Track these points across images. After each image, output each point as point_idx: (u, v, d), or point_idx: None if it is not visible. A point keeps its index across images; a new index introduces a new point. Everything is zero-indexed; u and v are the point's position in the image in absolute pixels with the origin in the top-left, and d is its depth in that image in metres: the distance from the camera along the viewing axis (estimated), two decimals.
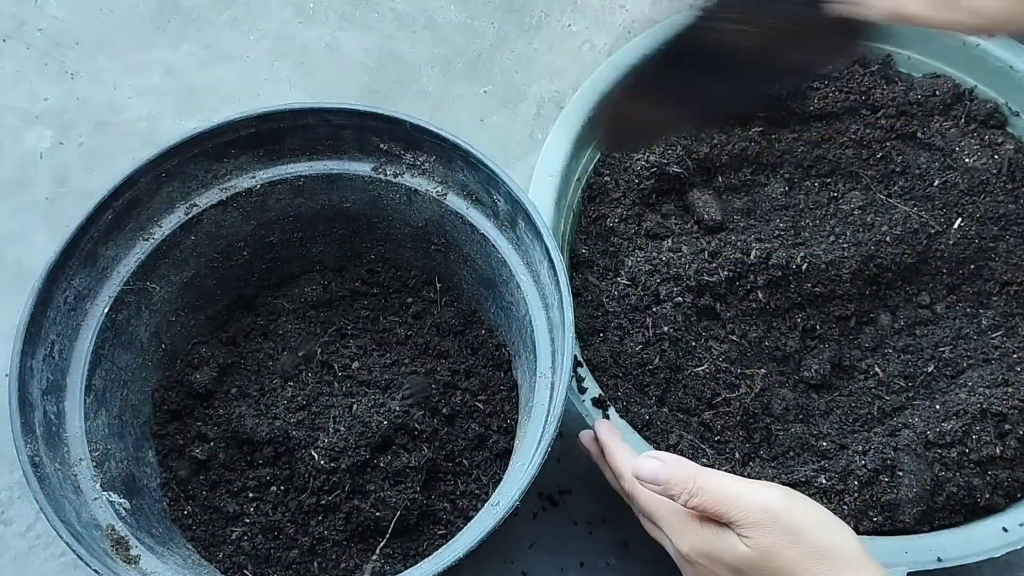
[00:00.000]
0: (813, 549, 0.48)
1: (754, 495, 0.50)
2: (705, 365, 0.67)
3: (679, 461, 0.52)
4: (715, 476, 0.51)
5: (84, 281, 0.62)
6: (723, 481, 0.51)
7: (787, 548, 0.49)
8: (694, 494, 0.51)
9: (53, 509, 0.52)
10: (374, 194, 0.69)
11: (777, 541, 0.49)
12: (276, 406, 0.66)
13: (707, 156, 0.76)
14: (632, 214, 0.73)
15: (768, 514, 0.49)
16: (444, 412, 0.66)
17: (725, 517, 0.50)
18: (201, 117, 0.91)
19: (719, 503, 0.50)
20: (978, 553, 0.59)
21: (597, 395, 0.63)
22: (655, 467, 0.52)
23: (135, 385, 0.65)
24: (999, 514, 0.61)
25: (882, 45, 0.77)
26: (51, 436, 0.57)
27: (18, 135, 0.89)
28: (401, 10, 0.97)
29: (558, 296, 0.59)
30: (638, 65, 0.68)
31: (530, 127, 0.91)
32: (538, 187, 0.69)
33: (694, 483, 0.51)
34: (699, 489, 0.51)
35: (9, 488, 0.74)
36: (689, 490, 0.51)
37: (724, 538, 0.51)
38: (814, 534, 0.49)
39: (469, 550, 0.51)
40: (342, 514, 0.62)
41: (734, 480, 0.51)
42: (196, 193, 0.66)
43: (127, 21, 0.96)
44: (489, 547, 0.53)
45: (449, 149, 0.65)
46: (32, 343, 0.57)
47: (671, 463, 0.52)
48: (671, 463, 0.52)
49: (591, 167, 0.75)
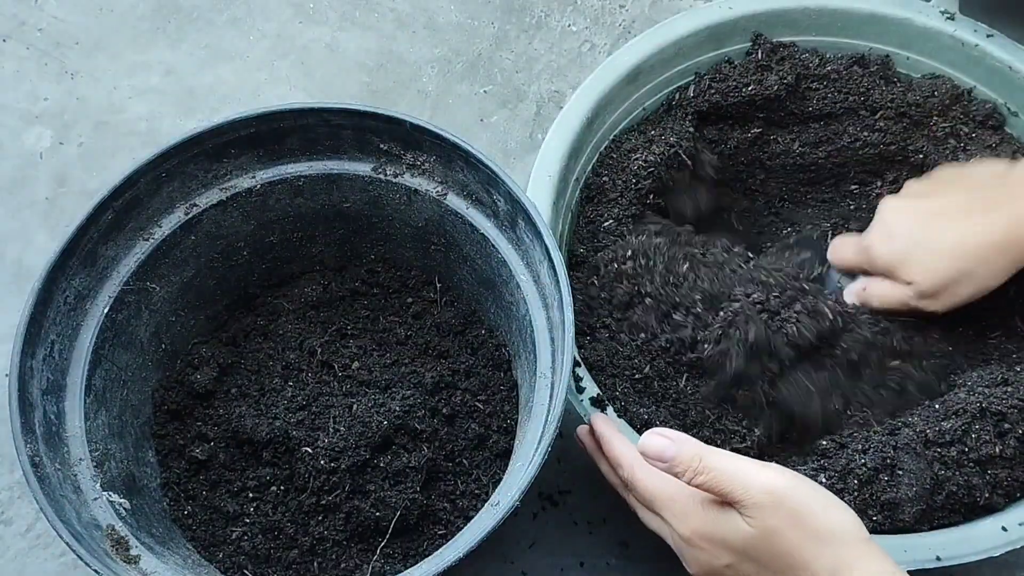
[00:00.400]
0: (816, 531, 0.48)
1: (759, 475, 0.50)
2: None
3: (686, 439, 0.52)
4: (721, 455, 0.51)
5: (84, 281, 0.62)
6: (729, 460, 0.51)
7: (790, 529, 0.49)
8: (699, 472, 0.50)
9: (53, 509, 0.52)
10: (374, 194, 0.69)
11: (780, 522, 0.49)
12: (276, 406, 0.66)
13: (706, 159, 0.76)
14: (628, 215, 0.73)
15: (773, 495, 0.49)
16: (444, 412, 0.66)
17: (730, 496, 0.50)
18: (201, 117, 0.91)
19: (724, 482, 0.50)
20: (977, 552, 0.59)
21: (595, 394, 0.63)
22: (662, 444, 0.52)
23: (135, 385, 0.65)
24: (998, 513, 0.61)
25: (881, 46, 0.77)
26: (51, 436, 0.57)
27: (18, 135, 0.89)
28: (401, 10, 0.97)
29: (558, 296, 0.59)
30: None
31: (530, 127, 0.91)
32: (536, 187, 0.69)
33: (700, 461, 0.50)
34: (705, 467, 0.50)
35: (9, 488, 0.74)
36: (695, 468, 0.50)
37: (727, 519, 0.50)
38: (818, 517, 0.49)
39: (469, 550, 0.51)
40: (342, 514, 0.62)
41: (740, 460, 0.51)
42: (196, 193, 0.66)
43: (127, 21, 0.96)
44: (489, 547, 0.54)
45: (449, 149, 0.65)
46: (32, 343, 0.57)
47: (678, 440, 0.52)
48: (678, 440, 0.52)
49: (589, 167, 0.75)
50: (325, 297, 0.73)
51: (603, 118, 0.74)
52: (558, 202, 0.70)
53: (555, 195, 0.69)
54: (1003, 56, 0.73)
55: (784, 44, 0.77)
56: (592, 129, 0.74)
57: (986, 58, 0.74)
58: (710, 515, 0.51)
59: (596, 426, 0.60)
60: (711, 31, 0.76)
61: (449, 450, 0.65)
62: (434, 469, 0.64)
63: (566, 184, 0.71)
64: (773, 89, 0.75)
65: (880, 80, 0.77)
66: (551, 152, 0.71)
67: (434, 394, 0.67)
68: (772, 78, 0.75)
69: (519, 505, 0.52)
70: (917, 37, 0.76)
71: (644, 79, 0.76)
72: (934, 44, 0.75)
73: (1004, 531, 0.59)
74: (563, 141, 0.71)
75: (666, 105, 0.78)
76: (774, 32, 0.77)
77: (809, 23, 0.77)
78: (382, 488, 0.62)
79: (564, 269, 0.59)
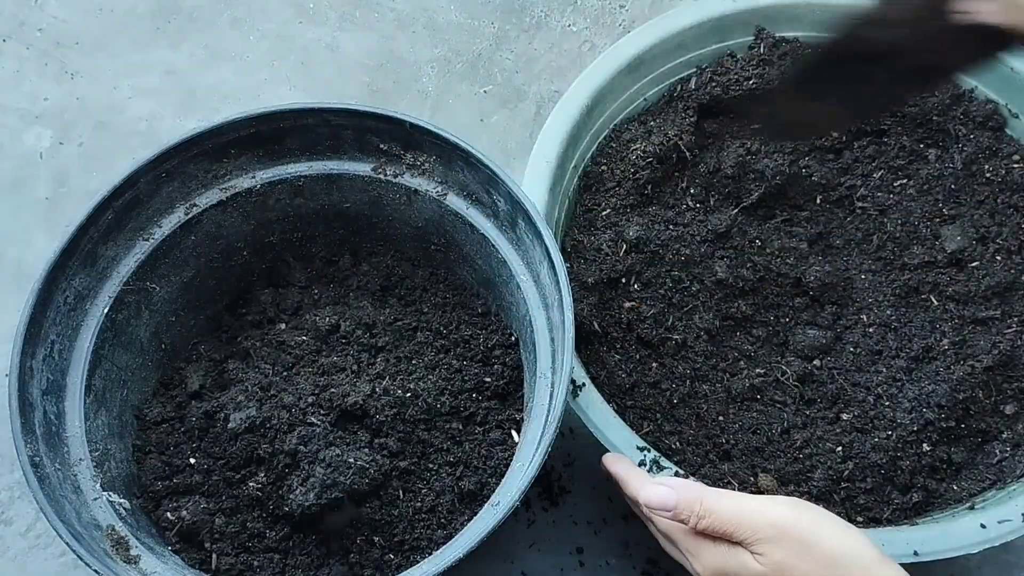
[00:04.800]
0: (826, 558, 0.48)
1: (761, 511, 0.50)
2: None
3: (685, 485, 0.52)
4: (720, 496, 0.51)
5: (84, 281, 0.62)
6: (729, 501, 0.51)
7: (800, 561, 0.48)
8: (702, 516, 0.51)
9: (53, 509, 0.52)
10: (374, 194, 0.69)
11: (789, 555, 0.49)
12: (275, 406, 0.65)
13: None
14: (625, 204, 0.73)
15: (777, 529, 0.49)
16: (445, 412, 0.66)
17: (735, 536, 0.50)
18: (201, 117, 0.91)
19: (727, 523, 0.50)
20: (955, 548, 0.59)
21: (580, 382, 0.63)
22: (663, 494, 0.52)
23: (135, 385, 0.65)
24: (977, 511, 0.61)
25: None
26: (51, 436, 0.57)
27: (18, 135, 0.89)
28: (401, 10, 0.97)
29: (558, 296, 0.59)
30: (805, 62, 0.71)
31: (530, 127, 0.91)
32: (533, 174, 0.69)
33: (700, 505, 0.51)
34: (706, 511, 0.51)
35: (9, 488, 0.74)
36: (696, 513, 0.51)
37: (737, 556, 0.50)
38: (825, 543, 0.49)
39: (469, 550, 0.51)
40: (317, 529, 0.61)
41: (740, 498, 0.51)
42: (196, 193, 0.66)
43: (127, 21, 0.96)
44: (489, 547, 0.53)
45: (449, 149, 0.65)
46: (32, 343, 0.57)
47: (677, 488, 0.52)
48: (677, 488, 0.52)
49: (588, 156, 0.75)
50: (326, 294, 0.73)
51: (603, 107, 0.74)
52: (555, 188, 0.69)
53: (552, 182, 0.69)
54: (1005, 57, 0.73)
55: (787, 40, 0.77)
56: (592, 117, 0.74)
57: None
58: (721, 552, 0.51)
59: (610, 467, 0.59)
60: (714, 23, 0.76)
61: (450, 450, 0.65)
62: (434, 469, 0.64)
63: (564, 171, 0.71)
64: (774, 85, 0.75)
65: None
66: (549, 139, 0.71)
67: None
68: (774, 73, 0.75)
69: (519, 505, 0.52)
70: None
71: (645, 69, 0.76)
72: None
73: (983, 528, 0.59)
74: (562, 128, 0.71)
75: (667, 96, 0.78)
76: (777, 27, 0.77)
77: (812, 18, 0.77)
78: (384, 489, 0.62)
79: (564, 269, 0.58)
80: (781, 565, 0.49)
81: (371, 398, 0.62)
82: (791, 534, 0.49)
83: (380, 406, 0.62)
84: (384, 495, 0.61)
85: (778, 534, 0.49)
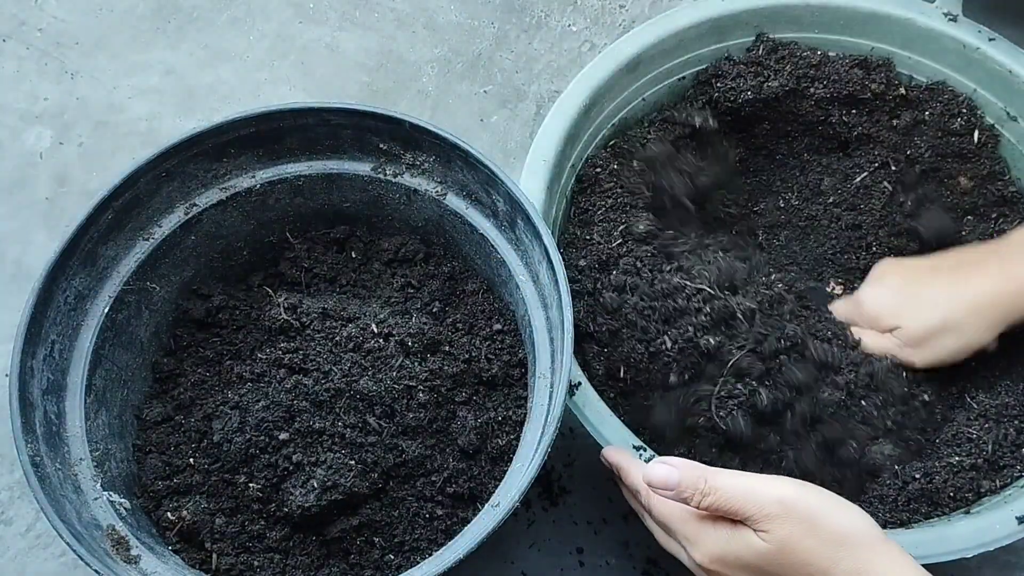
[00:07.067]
0: (831, 536, 0.48)
1: (767, 488, 0.50)
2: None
3: (688, 464, 0.52)
4: (726, 474, 0.51)
5: (84, 281, 0.62)
6: (735, 478, 0.51)
7: (804, 538, 0.48)
8: (706, 494, 0.50)
9: (53, 509, 0.52)
10: (374, 194, 0.69)
11: (794, 531, 0.48)
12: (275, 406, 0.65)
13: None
14: (619, 203, 0.72)
15: (782, 505, 0.49)
16: (445, 412, 0.66)
17: (740, 514, 0.50)
18: (201, 117, 0.91)
19: (732, 500, 0.50)
20: (951, 552, 0.58)
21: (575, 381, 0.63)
22: (665, 472, 0.52)
23: (135, 385, 0.65)
24: (975, 516, 0.61)
25: (883, 45, 0.77)
26: (51, 436, 0.57)
27: (18, 135, 0.89)
28: (401, 10, 0.97)
29: (557, 296, 0.59)
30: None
31: (530, 127, 0.91)
32: (531, 172, 0.68)
33: (705, 483, 0.50)
34: (711, 488, 0.50)
35: (9, 488, 0.74)
36: (701, 490, 0.50)
37: (740, 537, 0.50)
38: (830, 521, 0.49)
39: (469, 550, 0.51)
40: (318, 538, 0.61)
41: (746, 476, 0.51)
42: (196, 193, 0.66)
43: (127, 21, 0.96)
44: (489, 547, 0.53)
45: (448, 149, 0.65)
46: (32, 343, 0.57)
47: (681, 466, 0.52)
48: (681, 466, 0.52)
49: (586, 156, 0.74)
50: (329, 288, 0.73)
51: (602, 106, 0.74)
52: (552, 186, 0.69)
53: (550, 180, 0.69)
54: (1004, 60, 0.73)
55: (785, 42, 0.77)
56: (590, 116, 0.73)
57: (986, 62, 0.74)
58: (722, 535, 0.51)
59: (610, 457, 0.59)
60: (713, 24, 0.76)
61: (449, 449, 0.65)
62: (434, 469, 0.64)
63: (561, 170, 0.71)
64: (774, 88, 0.75)
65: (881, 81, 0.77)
66: (547, 137, 0.70)
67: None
68: (771, 76, 0.76)
69: (519, 505, 0.52)
70: (919, 38, 0.76)
71: (644, 69, 0.75)
72: (936, 46, 0.75)
73: (979, 533, 0.59)
74: (560, 127, 0.71)
75: (669, 95, 0.78)
76: (776, 28, 0.77)
77: (811, 20, 0.77)
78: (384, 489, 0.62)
79: (563, 269, 0.58)
80: (786, 541, 0.49)
81: (371, 398, 0.62)
82: (797, 510, 0.49)
83: (381, 406, 0.62)
84: (384, 496, 0.61)
85: (784, 510, 0.49)
